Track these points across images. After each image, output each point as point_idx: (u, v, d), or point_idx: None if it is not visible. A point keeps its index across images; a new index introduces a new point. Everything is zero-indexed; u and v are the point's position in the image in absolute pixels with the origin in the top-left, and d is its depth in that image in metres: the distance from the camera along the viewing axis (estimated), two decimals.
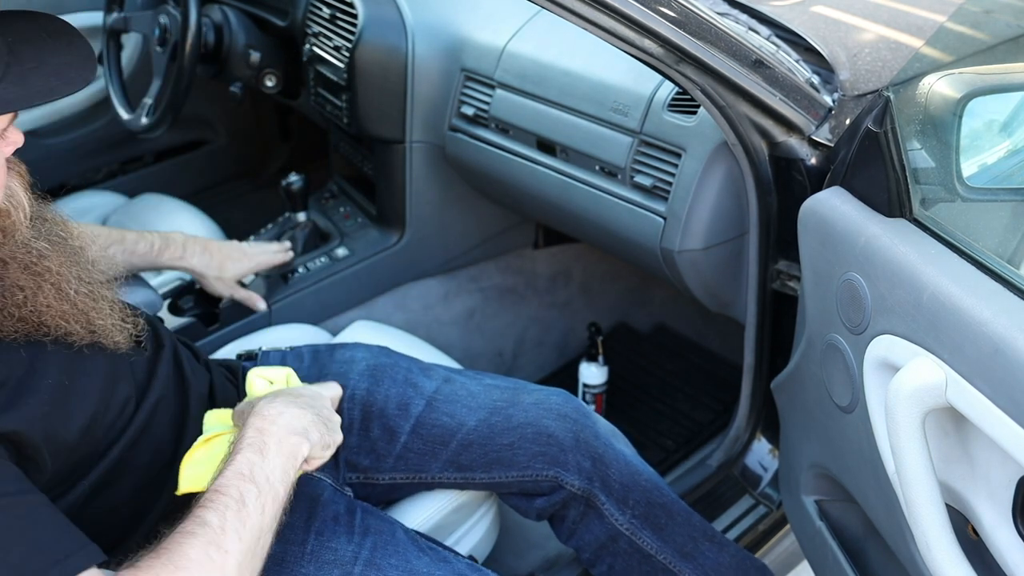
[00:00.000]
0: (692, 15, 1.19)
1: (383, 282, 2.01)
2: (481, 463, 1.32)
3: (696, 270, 1.54)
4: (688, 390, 2.22)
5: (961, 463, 0.94)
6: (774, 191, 1.37)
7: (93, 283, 1.06)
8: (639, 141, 1.55)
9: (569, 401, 1.38)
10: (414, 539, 1.21)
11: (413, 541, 1.20)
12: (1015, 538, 0.87)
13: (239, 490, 0.94)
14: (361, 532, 1.17)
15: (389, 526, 1.21)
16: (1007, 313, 0.84)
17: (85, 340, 1.02)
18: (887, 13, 1.58)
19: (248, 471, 0.97)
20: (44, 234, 1.01)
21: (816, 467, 1.28)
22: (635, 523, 1.34)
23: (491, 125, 1.83)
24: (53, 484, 0.99)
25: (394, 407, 1.32)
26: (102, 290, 1.07)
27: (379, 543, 1.16)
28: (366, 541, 1.16)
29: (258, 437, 1.01)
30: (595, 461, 1.33)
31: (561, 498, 1.33)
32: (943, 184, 1.10)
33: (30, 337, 0.97)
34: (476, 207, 2.07)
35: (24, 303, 0.96)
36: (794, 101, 1.28)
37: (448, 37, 1.88)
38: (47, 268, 0.99)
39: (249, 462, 0.98)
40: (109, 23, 2.13)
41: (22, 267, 0.97)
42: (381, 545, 1.16)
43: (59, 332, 0.99)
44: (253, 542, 0.92)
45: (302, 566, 1.12)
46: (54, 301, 0.98)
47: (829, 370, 1.14)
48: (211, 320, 1.78)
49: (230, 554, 0.89)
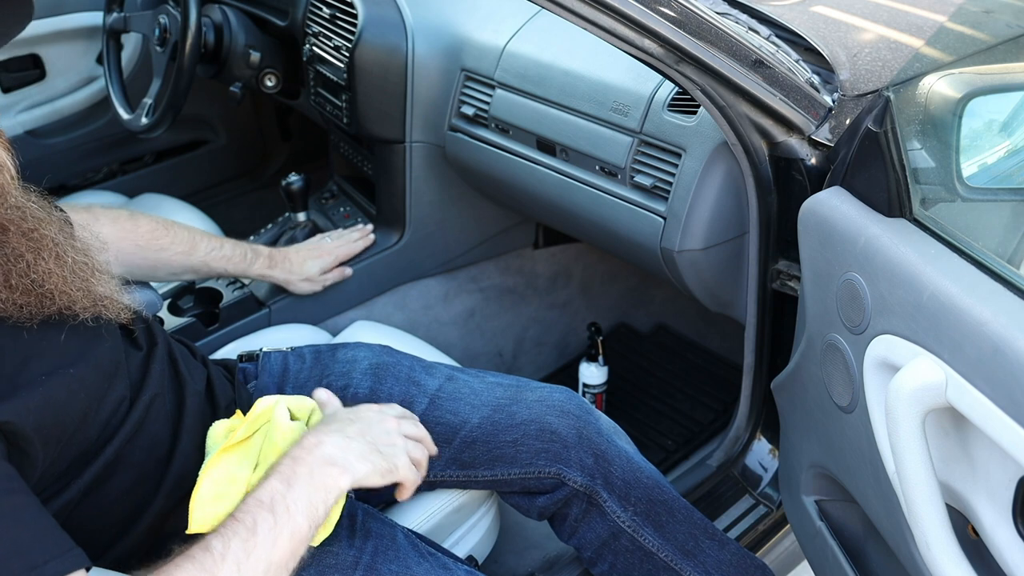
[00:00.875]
0: (692, 15, 1.19)
1: (383, 282, 2.02)
2: (484, 460, 1.32)
3: (696, 270, 1.54)
4: (688, 390, 2.22)
5: (961, 463, 0.94)
6: (774, 191, 1.37)
7: (88, 254, 1.07)
8: (639, 141, 1.55)
9: (572, 398, 1.38)
10: (414, 544, 1.21)
11: (413, 546, 1.20)
12: (1015, 538, 0.87)
13: (253, 518, 0.91)
14: (362, 536, 1.17)
15: (389, 530, 1.21)
16: (1007, 313, 0.84)
17: (88, 311, 1.02)
18: (887, 13, 1.58)
19: (268, 499, 0.93)
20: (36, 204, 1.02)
21: (816, 467, 1.28)
22: (637, 520, 1.34)
23: (491, 125, 1.83)
24: (47, 483, 0.98)
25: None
26: (96, 262, 1.08)
27: (379, 547, 1.16)
28: (367, 545, 1.15)
29: (290, 466, 0.97)
30: (597, 458, 1.33)
31: (563, 496, 1.33)
32: (943, 184, 1.10)
33: (34, 316, 0.96)
34: (476, 207, 2.07)
35: (27, 271, 0.96)
36: (794, 101, 1.28)
37: (448, 37, 1.88)
38: (44, 236, 0.99)
39: (271, 490, 0.94)
40: (109, 23, 2.13)
41: (21, 233, 0.97)
42: (382, 550, 1.16)
43: (63, 302, 0.99)
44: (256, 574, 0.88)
45: (302, 571, 1.11)
46: (55, 267, 0.99)
47: (829, 370, 1.14)
48: (211, 320, 1.79)
49: None
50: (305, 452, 0.99)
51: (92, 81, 2.50)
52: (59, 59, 2.43)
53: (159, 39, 1.98)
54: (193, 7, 1.86)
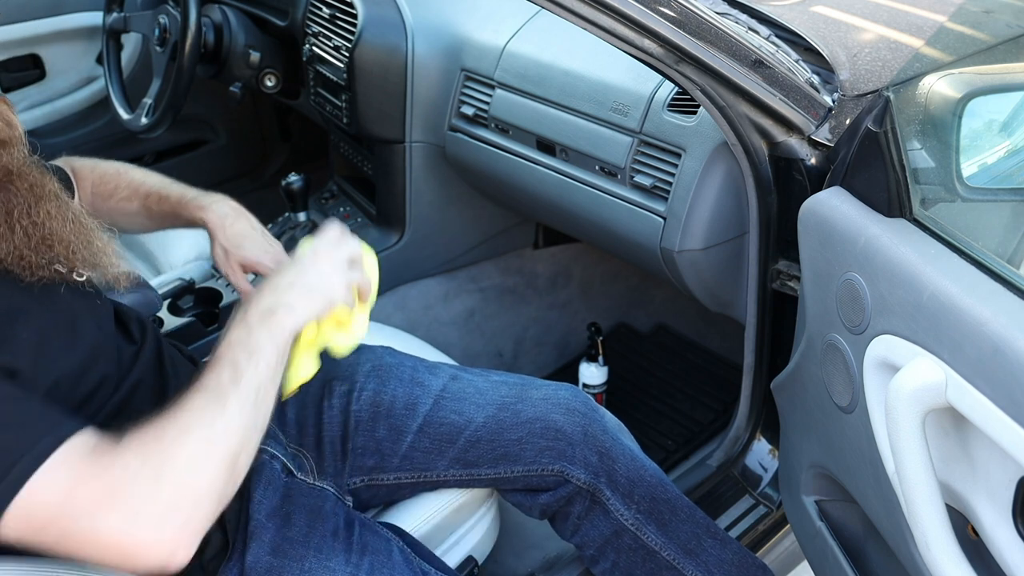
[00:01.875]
0: (692, 15, 1.18)
1: (383, 282, 2.01)
2: (488, 459, 1.31)
3: (696, 270, 1.54)
4: (688, 390, 2.22)
5: (961, 463, 0.94)
6: (774, 191, 1.37)
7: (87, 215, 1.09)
8: (639, 141, 1.55)
9: (578, 395, 1.38)
10: (409, 561, 1.21)
11: (408, 564, 1.20)
12: (1015, 538, 0.87)
13: (231, 356, 0.95)
14: (359, 551, 1.16)
15: (386, 545, 1.20)
16: (1007, 313, 0.84)
17: (87, 266, 1.04)
18: (887, 13, 1.58)
19: (235, 342, 0.96)
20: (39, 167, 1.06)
21: (816, 467, 1.28)
22: (640, 518, 1.34)
23: (491, 125, 1.83)
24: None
25: (401, 407, 1.32)
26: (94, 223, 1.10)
27: (376, 564, 1.15)
28: (363, 562, 1.15)
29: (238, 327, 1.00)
30: (602, 456, 1.33)
31: (566, 493, 1.32)
32: (943, 184, 1.10)
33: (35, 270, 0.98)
34: (476, 207, 2.07)
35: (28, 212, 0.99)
36: (794, 101, 1.28)
37: (448, 37, 1.88)
38: (49, 190, 1.02)
39: (233, 339, 0.97)
40: (109, 23, 2.13)
41: (28, 185, 1.00)
42: (378, 567, 1.15)
43: (62, 250, 1.01)
44: (252, 393, 0.92)
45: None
46: (55, 212, 1.01)
47: (829, 370, 1.14)
48: (211, 320, 1.78)
49: (229, 400, 0.90)
50: (244, 313, 1.01)
51: (92, 81, 2.50)
52: (59, 59, 2.43)
53: (159, 39, 1.98)
54: (193, 7, 1.86)
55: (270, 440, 1.23)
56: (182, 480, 0.85)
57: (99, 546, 0.83)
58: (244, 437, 0.91)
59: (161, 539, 0.84)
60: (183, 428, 0.88)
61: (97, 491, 0.82)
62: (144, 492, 0.84)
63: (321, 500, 1.21)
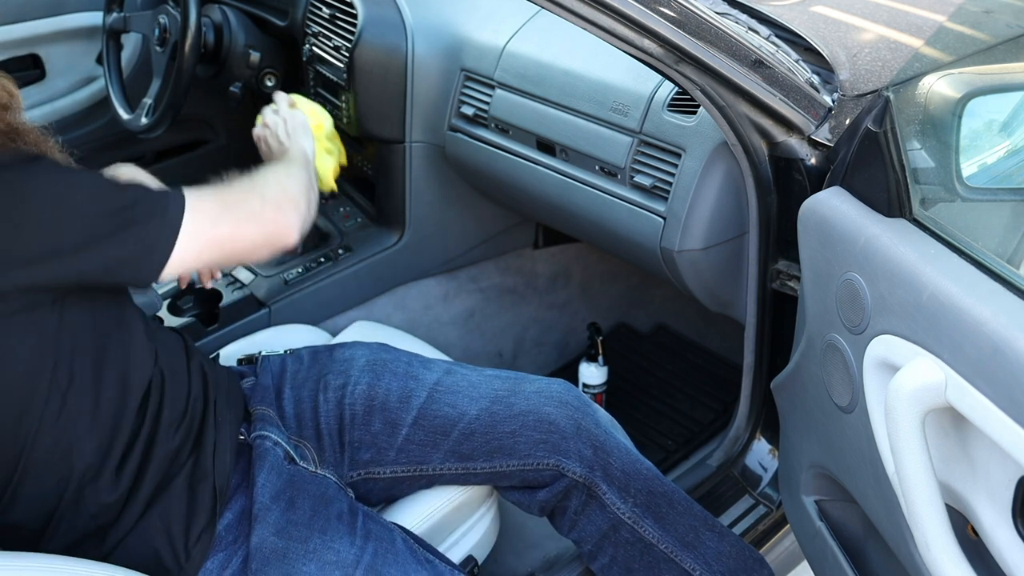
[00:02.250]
0: (692, 15, 1.18)
1: (383, 282, 2.02)
2: (483, 452, 1.32)
3: (696, 270, 1.53)
4: (688, 390, 2.22)
5: (961, 463, 0.94)
6: (774, 191, 1.37)
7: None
8: (639, 141, 1.55)
9: (570, 390, 1.38)
10: (412, 550, 1.21)
11: (411, 552, 1.21)
12: (1015, 538, 0.87)
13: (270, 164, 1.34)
14: (363, 536, 1.17)
15: (388, 533, 1.21)
16: (1007, 313, 0.84)
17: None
18: (887, 13, 1.58)
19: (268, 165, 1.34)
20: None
21: (816, 467, 1.28)
22: (637, 512, 1.34)
23: (491, 125, 1.83)
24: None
25: (396, 400, 1.33)
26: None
27: (380, 550, 1.16)
28: (368, 546, 1.16)
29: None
30: (596, 449, 1.33)
31: (563, 487, 1.33)
32: (943, 184, 1.10)
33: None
34: (476, 207, 2.07)
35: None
36: (794, 101, 1.28)
37: (448, 37, 1.88)
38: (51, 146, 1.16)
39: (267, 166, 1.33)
40: (109, 23, 2.13)
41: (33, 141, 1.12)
42: (382, 552, 1.16)
43: None
44: (300, 157, 1.35)
45: (304, 564, 1.12)
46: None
47: (829, 370, 1.14)
48: (211, 320, 1.79)
49: (282, 165, 1.32)
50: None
51: (92, 81, 2.50)
52: (59, 59, 2.42)
53: (159, 39, 1.98)
54: (193, 7, 1.86)
55: (272, 427, 1.24)
56: (283, 188, 1.22)
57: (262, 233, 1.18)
58: (308, 182, 1.27)
59: (290, 223, 1.19)
60: (263, 174, 1.26)
61: (234, 208, 1.19)
62: (264, 198, 1.21)
63: (324, 487, 1.22)
